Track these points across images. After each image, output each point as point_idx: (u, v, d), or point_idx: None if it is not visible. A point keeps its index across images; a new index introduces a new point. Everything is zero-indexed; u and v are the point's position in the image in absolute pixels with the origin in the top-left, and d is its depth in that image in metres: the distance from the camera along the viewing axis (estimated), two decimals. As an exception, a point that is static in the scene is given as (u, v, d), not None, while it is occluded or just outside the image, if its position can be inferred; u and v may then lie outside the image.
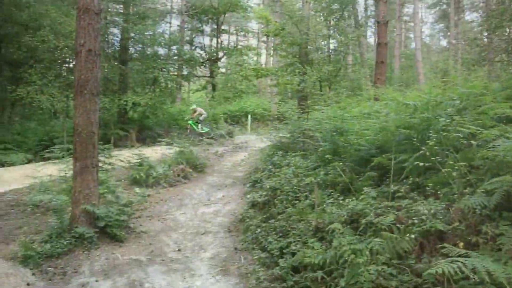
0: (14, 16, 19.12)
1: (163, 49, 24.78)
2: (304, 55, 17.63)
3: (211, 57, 30.35)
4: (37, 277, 6.90)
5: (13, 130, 22.19)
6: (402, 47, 38.07)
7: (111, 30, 22.49)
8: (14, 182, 12.63)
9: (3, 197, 11.28)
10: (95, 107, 8.39)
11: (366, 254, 4.97)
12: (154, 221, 9.60)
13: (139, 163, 12.66)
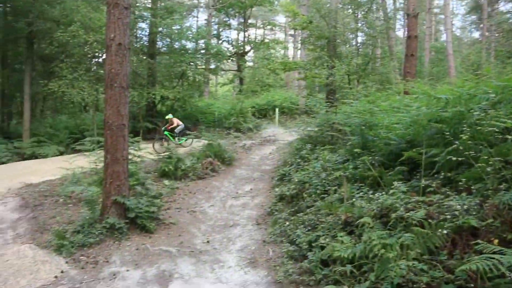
0: (46, 12, 19.54)
1: (190, 43, 24.91)
2: (332, 49, 17.49)
3: (238, 51, 30.37)
4: (70, 265, 7.09)
5: (46, 124, 22.75)
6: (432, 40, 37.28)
7: (139, 25, 22.71)
8: (47, 174, 12.93)
9: (37, 188, 11.58)
10: (125, 100, 8.52)
11: (396, 249, 4.93)
12: (183, 213, 9.72)
13: (168, 155, 12.81)
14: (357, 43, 21.16)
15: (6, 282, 6.35)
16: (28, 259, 6.83)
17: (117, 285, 6.34)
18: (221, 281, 6.55)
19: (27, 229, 9.06)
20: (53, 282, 6.50)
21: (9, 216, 9.86)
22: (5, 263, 6.67)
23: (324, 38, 17.75)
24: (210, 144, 14.09)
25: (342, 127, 10.40)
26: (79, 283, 6.46)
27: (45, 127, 21.87)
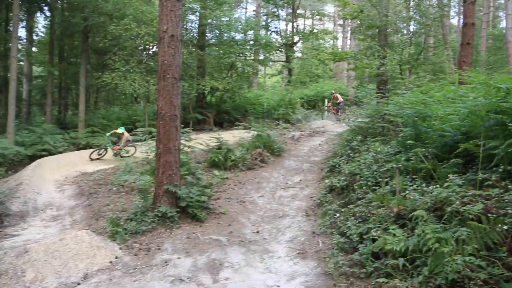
0: (101, 7, 20.15)
1: (239, 35, 24.98)
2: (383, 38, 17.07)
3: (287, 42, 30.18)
4: (123, 251, 7.34)
5: (99, 115, 23.56)
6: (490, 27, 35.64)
7: (189, 17, 22.99)
8: (101, 164, 13.38)
9: (92, 177, 12.02)
10: (178, 91, 8.67)
11: (451, 243, 4.79)
12: (233, 203, 9.82)
13: (218, 146, 12.95)
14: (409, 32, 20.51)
15: (66, 264, 6.65)
16: (85, 244, 7.10)
17: (169, 272, 6.50)
18: (270, 271, 6.59)
19: (83, 215, 9.45)
20: (108, 267, 6.75)
21: (67, 203, 10.31)
22: (65, 247, 6.97)
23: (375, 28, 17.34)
24: (259, 135, 14.12)
25: (394, 118, 10.16)
26: (133, 269, 6.67)
27: (98, 118, 22.65)
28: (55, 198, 10.83)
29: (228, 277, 6.39)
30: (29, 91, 26.19)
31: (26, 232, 8.57)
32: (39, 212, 9.85)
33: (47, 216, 9.48)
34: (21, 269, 6.50)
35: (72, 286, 6.25)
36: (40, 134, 17.79)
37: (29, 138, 17.37)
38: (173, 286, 6.08)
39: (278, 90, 30.52)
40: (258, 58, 26.65)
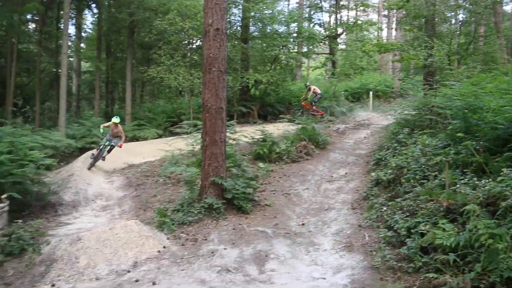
0: (146, 2, 20.54)
1: (282, 27, 24.83)
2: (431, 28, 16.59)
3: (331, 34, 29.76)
4: (171, 241, 7.50)
5: (145, 108, 24.04)
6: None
7: (232, 11, 23.04)
8: (148, 155, 13.69)
9: (139, 169, 12.32)
10: (223, 83, 8.74)
11: (506, 239, 4.65)
12: (278, 195, 9.84)
13: (263, 138, 12.99)
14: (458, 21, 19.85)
15: (116, 252, 6.86)
16: (134, 234, 7.30)
17: (215, 262, 6.59)
18: (316, 263, 6.58)
19: (131, 206, 9.71)
20: (156, 256, 6.92)
21: (115, 194, 10.62)
22: (115, 236, 7.19)
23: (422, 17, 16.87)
24: (304, 127, 14.06)
25: (442, 110, 9.89)
26: (180, 259, 6.81)
27: (144, 111, 23.10)
28: (104, 189, 11.17)
29: (274, 269, 6.43)
30: (78, 86, 27.06)
31: (78, 221, 8.89)
32: (89, 202, 10.19)
33: (97, 206, 9.80)
34: (75, 256, 6.75)
35: (122, 273, 6.44)
36: (89, 127, 18.32)
37: (79, 131, 17.93)
38: (220, 276, 6.17)
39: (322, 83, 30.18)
40: (302, 51, 26.44)
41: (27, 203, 9.17)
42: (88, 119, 19.56)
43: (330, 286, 5.70)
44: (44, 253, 7.00)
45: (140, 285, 5.95)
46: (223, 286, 5.81)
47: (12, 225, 7.51)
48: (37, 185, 9.41)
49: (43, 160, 9.53)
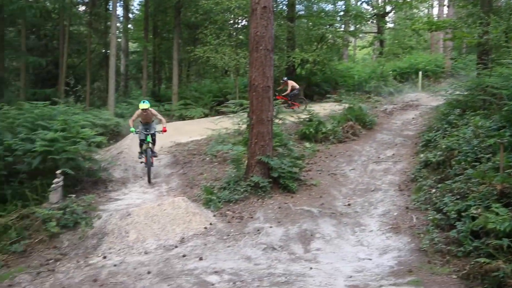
0: (193, -19, 20.53)
1: (329, 6, 24.35)
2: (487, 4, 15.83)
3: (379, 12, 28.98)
4: (217, 218, 7.62)
5: (191, 87, 24.25)
6: None
7: (278, -11, 22.78)
8: (194, 134, 13.85)
9: (186, 147, 12.48)
10: (270, 62, 8.69)
11: None
12: (324, 175, 9.78)
13: (309, 118, 12.89)
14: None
15: (164, 228, 7.04)
16: (181, 210, 7.45)
17: (261, 240, 6.65)
18: (362, 244, 6.54)
19: (178, 183, 9.89)
20: (203, 232, 7.05)
21: (163, 171, 10.83)
22: (163, 212, 7.36)
23: (478, -8, 16.14)
24: (351, 107, 13.84)
25: (498, 90, 9.47)
26: (226, 236, 6.91)
27: (190, 90, 23.33)
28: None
29: (319, 248, 6.43)
30: (126, 66, 27.61)
31: (127, 197, 9.14)
32: (138, 179, 10.45)
33: (145, 183, 10.03)
34: (125, 230, 6.97)
35: (170, 248, 6.61)
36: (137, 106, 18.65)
37: (128, 110, 18.32)
38: (265, 253, 6.22)
39: (369, 62, 29.55)
40: (349, 30, 25.90)
41: (79, 179, 9.51)
42: (136, 98, 19.91)
43: (376, 267, 5.66)
44: (96, 227, 7.27)
45: (187, 260, 6.08)
46: (268, 263, 5.86)
47: (66, 200, 7.82)
48: (88, 162, 9.72)
49: (94, 138, 9.80)
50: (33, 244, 6.98)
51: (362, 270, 5.56)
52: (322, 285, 5.05)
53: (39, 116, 9.74)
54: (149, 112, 10.24)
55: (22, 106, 10.65)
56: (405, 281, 5.01)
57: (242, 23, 23.08)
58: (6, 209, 7.65)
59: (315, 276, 5.32)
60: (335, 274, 5.40)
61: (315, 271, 5.49)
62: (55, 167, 8.59)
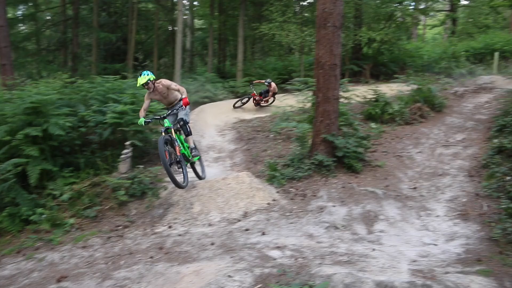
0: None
1: (400, -18, 23.44)
2: None
3: (453, -11, 27.64)
4: (280, 195, 7.64)
5: (256, 65, 24.26)
6: None
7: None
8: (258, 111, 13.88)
9: (250, 123, 12.58)
10: (338, 40, 8.50)
11: None
12: (389, 157, 9.55)
13: (375, 99, 12.60)
14: None
15: (228, 202, 7.16)
16: (245, 185, 7.53)
17: (323, 218, 6.61)
18: (427, 228, 6.35)
19: (242, 159, 10.00)
20: (266, 208, 7.10)
21: (227, 147, 10.98)
22: (227, 186, 7.48)
23: None
24: (420, 88, 13.34)
25: None
26: (289, 212, 6.93)
27: (255, 68, 23.35)
28: (216, 141, 11.60)
29: (383, 230, 6.31)
30: (191, 43, 28.00)
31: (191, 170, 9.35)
32: (202, 153, 10.61)
33: (210, 157, 10.22)
34: (190, 202, 7.15)
35: (233, 221, 6.72)
36: (202, 82, 18.94)
37: (193, 85, 18.60)
38: (328, 232, 6.19)
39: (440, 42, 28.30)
40: (419, 7, 24.88)
41: (146, 151, 9.83)
42: (202, 74, 20.19)
43: (442, 253, 5.47)
44: (162, 197, 7.52)
45: (249, 234, 6.15)
46: (330, 242, 5.83)
47: (134, 170, 8.12)
48: (155, 135, 9.99)
49: (161, 112, 10.04)
50: (103, 210, 7.36)
51: (427, 255, 5.40)
52: (385, 267, 4.96)
53: (110, 89, 10.12)
54: (158, 87, 7.73)
55: (94, 80, 11.08)
56: (473, 270, 4.81)
57: (308, 0, 22.75)
58: (80, 176, 8.07)
59: (378, 257, 5.23)
60: (398, 257, 5.28)
61: (378, 253, 5.39)
62: (124, 138, 8.95)
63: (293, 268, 4.54)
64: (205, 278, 4.43)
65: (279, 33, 19.20)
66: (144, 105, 7.80)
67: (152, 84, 7.58)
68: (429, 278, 4.20)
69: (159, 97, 7.93)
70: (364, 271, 4.49)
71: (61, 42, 22.40)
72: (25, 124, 7.96)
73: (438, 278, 4.16)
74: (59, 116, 8.27)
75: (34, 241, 6.56)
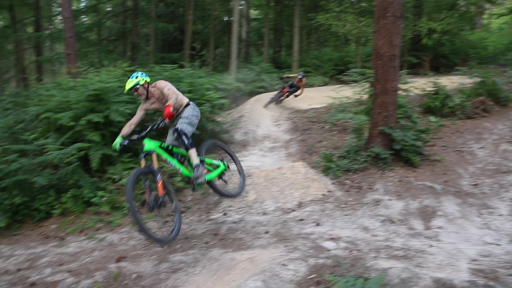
0: None
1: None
2: None
3: (523, -25, 26.15)
4: (335, 186, 7.59)
5: (311, 55, 24.08)
6: None
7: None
8: (314, 102, 13.81)
9: (305, 114, 12.53)
10: (398, 30, 8.29)
11: None
12: (449, 151, 9.24)
13: (435, 91, 12.19)
14: None
15: (283, 191, 7.18)
16: (300, 175, 7.53)
17: (379, 211, 6.51)
18: (489, 227, 6.11)
19: (297, 149, 9.98)
20: (321, 199, 7.07)
21: (282, 137, 10.99)
22: (282, 175, 7.51)
23: None
24: (483, 81, 12.77)
25: None
26: (344, 204, 6.86)
27: (311, 58, 23.17)
28: (272, 131, 11.63)
29: (441, 226, 6.14)
30: (247, 33, 28.11)
31: (247, 159, 9.44)
32: (258, 142, 10.73)
33: (265, 147, 10.27)
34: (245, 190, 7.22)
35: (287, 211, 6.74)
36: (258, 72, 18.99)
37: (249, 75, 18.69)
38: (383, 225, 6.09)
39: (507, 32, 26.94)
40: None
41: (203, 139, 9.97)
42: (257, 64, 20.24)
43: (506, 254, 5.24)
44: (217, 185, 7.62)
45: (304, 224, 6.15)
46: (386, 236, 5.72)
47: (191, 157, 8.26)
48: (211, 123, 10.14)
49: (218, 100, 10.17)
50: (161, 196, 7.54)
51: (489, 255, 5.19)
52: (443, 264, 4.82)
53: (168, 78, 10.32)
54: (154, 92, 5.97)
55: (153, 68, 11.35)
56: (541, 273, 4.61)
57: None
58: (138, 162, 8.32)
59: (435, 254, 5.08)
60: (457, 255, 5.11)
61: (435, 249, 5.25)
62: (182, 126, 9.11)
63: (347, 260, 4.50)
64: (259, 265, 4.47)
65: (336, 24, 18.94)
66: (133, 118, 6.03)
67: (144, 89, 5.88)
68: (491, 279, 4.04)
69: (157, 106, 6.08)
70: (421, 267, 4.38)
71: (121, 33, 23.09)
72: (88, 110, 8.29)
73: (501, 280, 4.00)
74: (119, 103, 8.55)
75: (95, 222, 6.87)
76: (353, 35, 19.71)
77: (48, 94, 9.41)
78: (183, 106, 6.05)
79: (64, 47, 15.08)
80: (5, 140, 8.41)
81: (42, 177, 7.23)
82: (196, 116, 6.08)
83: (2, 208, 6.91)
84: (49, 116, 8.22)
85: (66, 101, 8.64)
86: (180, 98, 5.99)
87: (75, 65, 11.98)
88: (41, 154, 7.58)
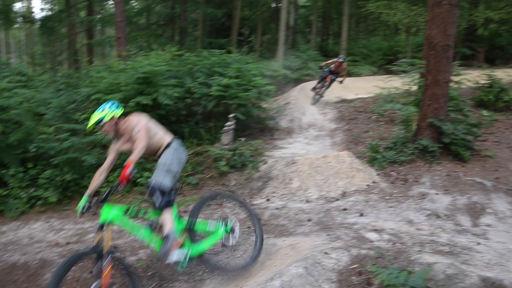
0: None
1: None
2: None
3: None
4: (381, 177, 7.47)
5: (360, 44, 23.66)
6: None
7: None
8: (361, 91, 13.61)
9: (352, 104, 12.37)
10: (454, 19, 8.01)
11: None
12: (502, 147, 8.90)
13: (489, 84, 11.74)
14: None
15: (327, 180, 7.15)
16: (345, 165, 7.46)
17: (425, 205, 6.38)
18: (542, 228, 5.87)
19: (342, 139, 9.88)
20: (365, 189, 6.99)
21: (328, 126, 10.90)
22: (327, 164, 7.46)
23: None
24: (543, 75, 12.25)
25: None
26: (389, 196, 6.76)
27: (359, 47, 22.77)
28: (317, 119, 11.54)
29: (490, 224, 5.94)
30: (295, 20, 27.89)
31: (291, 146, 9.43)
32: (303, 130, 10.68)
33: (310, 135, 10.22)
34: (289, 177, 7.23)
35: (331, 200, 6.71)
36: (305, 60, 18.84)
37: (296, 63, 18.57)
38: (429, 220, 5.95)
39: None
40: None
41: (248, 125, 10.07)
42: (304, 52, 20.07)
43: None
44: (262, 171, 7.68)
45: (347, 214, 6.11)
46: (431, 230, 5.60)
47: (236, 142, 8.36)
48: (257, 109, 10.17)
49: (264, 87, 10.17)
50: (204, 179, 7.69)
51: (542, 257, 5.02)
52: (491, 263, 4.67)
53: (215, 63, 10.44)
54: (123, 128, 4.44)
55: (201, 53, 11.46)
56: None
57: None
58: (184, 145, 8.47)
59: (483, 252, 4.93)
60: (507, 255, 4.94)
61: (483, 247, 5.09)
62: (227, 111, 9.23)
63: (390, 252, 4.43)
64: (301, 252, 4.47)
65: (387, 12, 18.48)
66: (104, 164, 4.49)
67: (111, 126, 4.35)
68: (544, 281, 3.90)
69: (131, 147, 4.42)
70: (467, 264, 4.26)
71: (170, 17, 23.38)
72: (137, 93, 8.49)
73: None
74: (167, 87, 8.71)
75: (140, 202, 7.04)
76: (404, 24, 19.17)
77: (99, 76, 9.71)
78: (162, 147, 4.55)
79: (114, 31, 15.48)
80: (57, 119, 8.76)
81: (91, 156, 7.49)
82: (177, 160, 4.54)
83: (53, 184, 7.21)
84: (99, 97, 8.46)
85: (116, 83, 8.87)
86: (157, 139, 4.52)
87: (125, 48, 12.26)
88: (91, 134, 7.80)
